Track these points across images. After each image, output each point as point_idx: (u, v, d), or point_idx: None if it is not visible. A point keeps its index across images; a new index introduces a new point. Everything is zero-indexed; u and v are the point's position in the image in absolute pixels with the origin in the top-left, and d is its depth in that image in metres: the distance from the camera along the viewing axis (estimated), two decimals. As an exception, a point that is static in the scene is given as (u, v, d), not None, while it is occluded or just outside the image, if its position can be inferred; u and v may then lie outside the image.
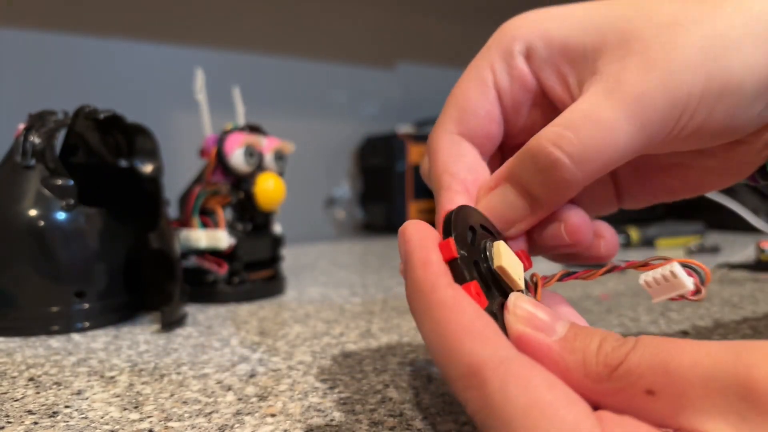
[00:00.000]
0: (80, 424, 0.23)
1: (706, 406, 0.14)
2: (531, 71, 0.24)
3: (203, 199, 0.47)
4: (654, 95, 0.19)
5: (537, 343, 0.17)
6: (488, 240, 0.21)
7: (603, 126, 0.19)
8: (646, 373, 0.15)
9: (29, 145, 0.38)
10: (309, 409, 0.24)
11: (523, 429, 0.15)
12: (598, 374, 0.16)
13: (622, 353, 0.16)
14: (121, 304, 0.40)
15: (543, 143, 0.20)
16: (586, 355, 0.17)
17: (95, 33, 0.82)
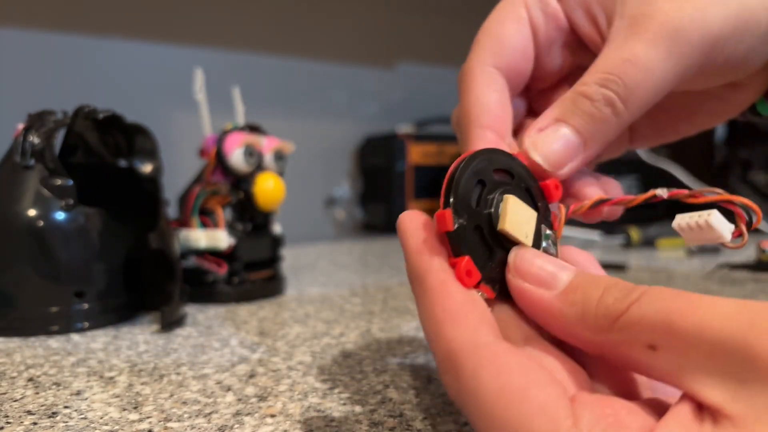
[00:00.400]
0: (79, 424, 0.23)
1: (707, 369, 0.14)
2: (563, 10, 0.24)
3: (203, 199, 0.47)
4: (689, 30, 0.20)
5: (536, 298, 0.18)
6: (500, 191, 0.20)
7: (642, 66, 0.21)
8: (649, 327, 0.15)
9: (28, 145, 0.38)
10: (309, 409, 0.24)
11: (494, 413, 0.15)
12: (598, 326, 0.16)
13: (624, 305, 0.16)
14: (120, 304, 0.40)
15: (593, 85, 0.21)
16: (586, 306, 0.16)
17: (94, 33, 0.82)
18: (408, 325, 0.38)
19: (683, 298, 0.15)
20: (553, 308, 0.17)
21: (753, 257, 0.57)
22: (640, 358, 0.15)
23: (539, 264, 0.18)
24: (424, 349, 0.33)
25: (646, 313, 0.15)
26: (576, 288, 0.17)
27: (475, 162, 0.20)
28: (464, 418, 0.23)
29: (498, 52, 0.24)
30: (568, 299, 0.17)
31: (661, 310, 0.15)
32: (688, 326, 0.14)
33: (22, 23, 0.77)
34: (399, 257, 0.71)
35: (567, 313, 0.17)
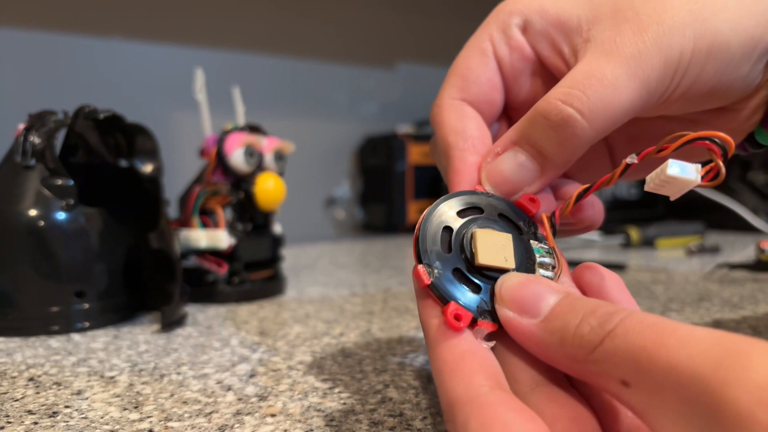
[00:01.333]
0: (80, 424, 0.23)
1: (676, 411, 0.13)
2: (528, 42, 0.25)
3: (203, 199, 0.47)
4: (650, 54, 0.21)
5: (520, 327, 0.18)
6: (472, 225, 0.20)
7: (607, 83, 0.20)
8: (621, 363, 0.15)
9: (29, 145, 0.38)
10: (309, 409, 0.24)
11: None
12: (575, 356, 0.16)
13: (599, 337, 0.15)
14: (121, 304, 0.40)
15: (553, 102, 0.21)
16: (564, 335, 0.16)
17: (95, 33, 0.82)
18: (408, 325, 0.38)
19: (655, 332, 0.14)
20: (535, 337, 0.17)
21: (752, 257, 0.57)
22: (615, 392, 0.15)
23: (523, 290, 0.18)
24: (424, 349, 0.33)
25: (618, 348, 0.15)
26: (557, 315, 0.17)
27: (436, 211, 0.21)
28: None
29: (465, 86, 0.25)
30: (548, 327, 0.17)
31: (632, 346, 0.14)
32: (657, 365, 0.14)
33: (23, 23, 0.77)
34: (399, 257, 0.71)
35: (548, 341, 0.17)
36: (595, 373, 0.15)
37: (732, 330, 0.35)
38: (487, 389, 0.16)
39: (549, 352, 0.17)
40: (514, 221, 0.21)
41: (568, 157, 0.22)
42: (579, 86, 0.20)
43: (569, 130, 0.21)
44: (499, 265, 0.19)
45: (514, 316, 0.18)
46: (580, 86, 0.20)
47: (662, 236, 0.77)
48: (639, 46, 0.21)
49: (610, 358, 0.15)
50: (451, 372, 0.17)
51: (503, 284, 0.19)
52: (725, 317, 0.39)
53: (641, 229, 0.77)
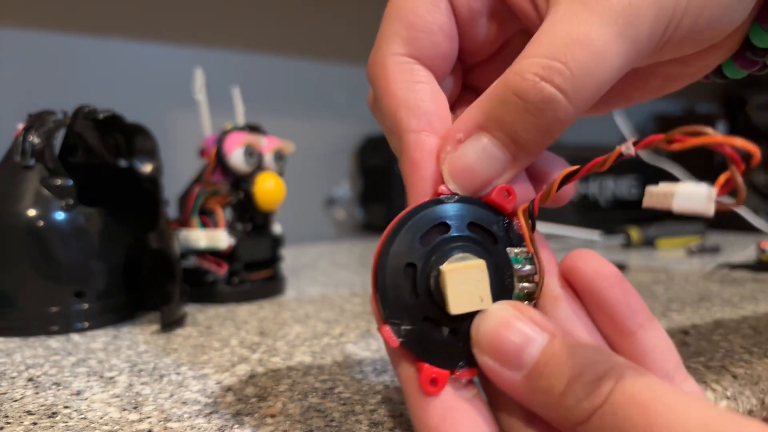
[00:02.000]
0: (79, 424, 0.23)
1: None
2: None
3: (203, 199, 0.47)
4: (642, 5, 0.17)
5: (503, 379, 0.16)
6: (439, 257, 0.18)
7: (594, 50, 0.16)
8: (629, 425, 0.14)
9: (28, 145, 0.38)
10: (309, 409, 0.24)
11: None
12: (559, 422, 0.15)
13: (586, 412, 0.14)
14: (120, 304, 0.40)
15: (530, 79, 0.16)
16: (549, 399, 0.15)
17: (94, 33, 0.82)
18: (408, 325, 0.38)
19: (644, 414, 0.14)
20: (519, 391, 0.16)
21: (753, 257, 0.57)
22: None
23: (502, 338, 0.16)
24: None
25: (620, 411, 0.14)
26: (541, 373, 0.16)
27: (393, 244, 0.18)
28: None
29: (412, 38, 0.20)
30: (533, 385, 0.16)
31: (625, 421, 0.14)
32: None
33: (22, 23, 0.77)
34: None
35: (533, 399, 0.16)
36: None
37: (732, 330, 0.35)
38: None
39: (534, 407, 0.16)
40: (486, 227, 0.19)
41: (546, 142, 0.18)
42: (560, 55, 0.16)
43: (550, 114, 0.17)
44: (475, 308, 0.17)
45: (494, 365, 0.16)
46: (561, 55, 0.16)
47: (663, 236, 0.77)
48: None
49: (614, 423, 0.14)
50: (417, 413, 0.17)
51: (480, 328, 0.17)
52: (725, 317, 0.39)
53: (642, 229, 0.77)
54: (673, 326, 0.37)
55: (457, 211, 0.18)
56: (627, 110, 1.03)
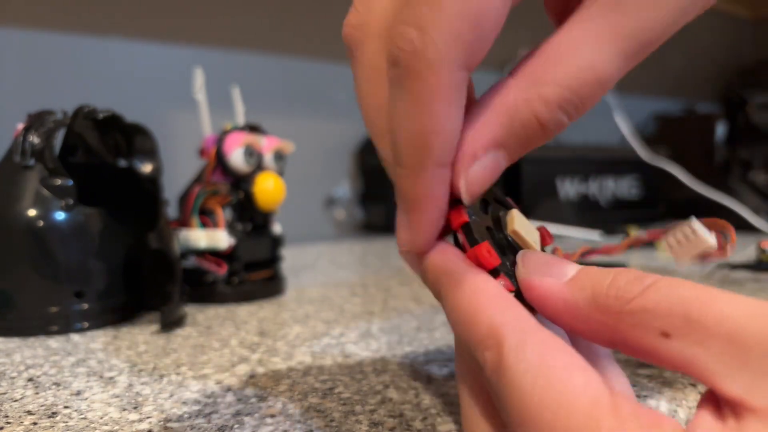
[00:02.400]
0: (79, 424, 0.23)
1: (725, 360, 0.14)
2: None
3: (203, 199, 0.47)
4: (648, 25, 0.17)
5: (546, 286, 0.17)
6: (502, 210, 0.21)
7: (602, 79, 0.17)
8: (664, 314, 0.15)
9: (28, 144, 0.38)
10: (309, 409, 0.24)
11: (534, 387, 0.15)
12: (609, 307, 0.16)
13: (638, 288, 0.15)
14: (120, 304, 0.40)
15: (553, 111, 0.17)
16: (596, 290, 0.16)
17: (94, 32, 0.82)
18: (408, 325, 0.38)
19: (700, 289, 0.15)
20: (562, 295, 0.17)
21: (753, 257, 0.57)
22: (652, 344, 0.15)
23: (547, 258, 0.18)
24: (424, 349, 0.33)
25: (662, 299, 0.15)
26: (585, 275, 0.17)
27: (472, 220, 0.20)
28: (464, 418, 0.23)
29: (477, 40, 0.16)
30: (578, 285, 0.17)
31: (678, 299, 0.15)
32: (707, 317, 0.14)
33: (22, 23, 0.77)
34: (398, 257, 0.71)
35: (577, 298, 0.17)
36: (630, 325, 0.15)
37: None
38: (536, 322, 0.16)
39: (579, 310, 0.17)
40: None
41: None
42: (576, 89, 0.17)
43: (554, 134, 0.18)
44: (530, 241, 0.20)
45: (537, 277, 0.18)
46: (576, 88, 0.17)
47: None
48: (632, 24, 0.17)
49: (652, 309, 0.15)
50: (495, 302, 0.17)
51: (526, 253, 0.19)
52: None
53: (642, 228, 0.77)
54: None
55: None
56: (627, 110, 1.03)
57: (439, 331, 0.37)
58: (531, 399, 0.14)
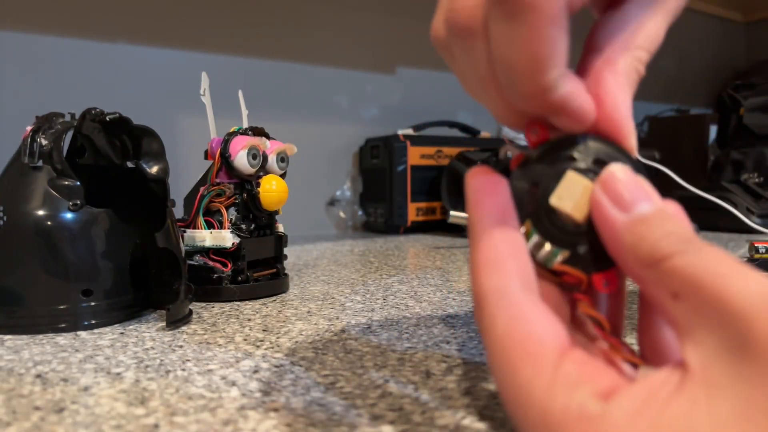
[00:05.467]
0: (87, 419, 0.23)
1: (709, 329, 0.15)
2: None
3: (208, 199, 0.47)
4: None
5: (608, 216, 0.19)
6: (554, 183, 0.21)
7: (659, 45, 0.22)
8: (680, 278, 0.16)
9: (37, 146, 0.39)
10: (311, 403, 0.25)
11: (500, 351, 0.18)
12: (643, 260, 0.17)
13: (671, 251, 0.17)
14: (127, 302, 0.40)
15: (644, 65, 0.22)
16: (643, 241, 0.17)
17: (103, 37, 0.83)
18: (407, 322, 0.38)
19: (724, 264, 0.16)
20: (617, 229, 0.18)
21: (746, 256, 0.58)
22: (663, 300, 0.17)
23: (624, 188, 0.19)
24: (423, 345, 0.33)
25: (684, 265, 0.16)
26: (645, 221, 0.18)
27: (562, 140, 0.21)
28: (462, 413, 0.24)
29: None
30: (632, 228, 0.18)
31: (697, 267, 0.16)
32: (712, 288, 0.15)
33: (33, 27, 0.78)
34: (399, 257, 0.72)
35: (626, 239, 0.18)
36: (652, 279, 0.17)
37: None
38: (518, 288, 0.18)
39: (622, 248, 0.18)
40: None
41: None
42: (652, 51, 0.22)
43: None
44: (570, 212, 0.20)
45: (607, 203, 0.19)
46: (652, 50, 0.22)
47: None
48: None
49: (673, 271, 0.16)
50: (489, 267, 0.19)
51: (611, 171, 0.19)
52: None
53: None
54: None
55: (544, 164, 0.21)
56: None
57: (437, 327, 0.37)
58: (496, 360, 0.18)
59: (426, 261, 0.68)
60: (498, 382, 0.18)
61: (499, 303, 0.18)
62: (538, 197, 0.20)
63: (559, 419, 0.16)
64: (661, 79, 1.48)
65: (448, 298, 0.47)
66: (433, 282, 0.54)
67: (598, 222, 0.19)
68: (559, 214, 0.20)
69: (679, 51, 1.52)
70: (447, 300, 0.46)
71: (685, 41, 1.54)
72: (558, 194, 0.20)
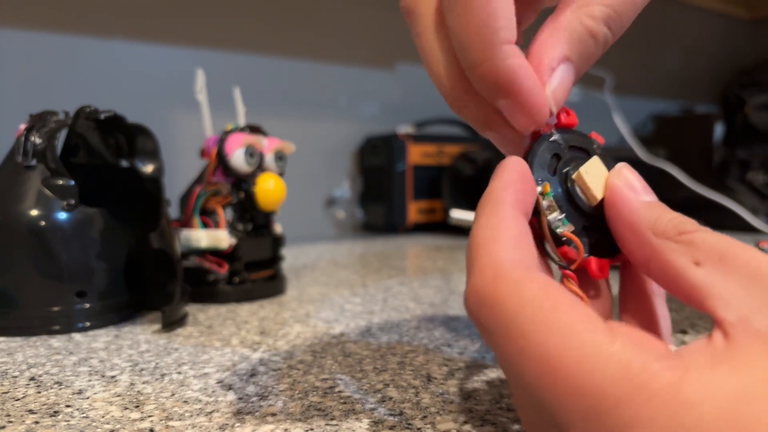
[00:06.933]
0: (81, 423, 0.23)
1: (737, 290, 0.16)
2: None
3: (204, 199, 0.47)
4: None
5: (624, 195, 0.20)
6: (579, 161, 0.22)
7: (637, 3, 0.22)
8: (705, 248, 0.17)
9: (30, 145, 0.38)
10: (309, 408, 0.24)
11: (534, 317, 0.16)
12: (665, 231, 0.18)
13: (692, 227, 0.18)
14: (122, 303, 0.40)
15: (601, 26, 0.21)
16: (662, 216, 0.19)
17: (96, 33, 0.82)
18: (408, 325, 0.38)
19: (739, 245, 0.17)
20: (634, 207, 0.20)
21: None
22: (682, 268, 0.17)
23: (640, 180, 0.21)
24: (424, 349, 0.33)
25: (708, 239, 0.17)
26: (658, 205, 0.20)
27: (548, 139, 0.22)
28: (464, 417, 0.23)
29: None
30: (650, 206, 0.20)
31: (721, 242, 0.17)
32: (739, 258, 0.17)
33: (25, 24, 0.77)
34: (399, 257, 0.71)
35: (644, 214, 0.19)
36: (672, 249, 0.18)
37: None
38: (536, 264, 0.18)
39: (639, 223, 0.19)
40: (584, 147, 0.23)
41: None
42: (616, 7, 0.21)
43: (605, 47, 0.22)
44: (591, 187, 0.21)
45: (622, 186, 0.20)
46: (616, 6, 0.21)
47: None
48: None
49: (696, 243, 0.17)
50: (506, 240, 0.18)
51: (622, 167, 0.21)
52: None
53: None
54: (672, 326, 0.37)
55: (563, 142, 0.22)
56: (625, 111, 1.03)
57: (438, 330, 0.37)
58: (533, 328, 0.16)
59: (427, 262, 0.68)
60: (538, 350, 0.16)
61: (524, 271, 0.17)
62: (561, 167, 0.22)
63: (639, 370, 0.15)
64: (665, 76, 1.48)
65: (450, 299, 0.46)
66: (434, 283, 0.53)
67: (616, 201, 0.20)
68: (579, 190, 0.21)
69: (684, 48, 1.52)
70: (448, 302, 0.45)
71: (690, 38, 1.54)
72: (585, 169, 0.21)
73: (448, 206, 0.96)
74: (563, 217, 0.21)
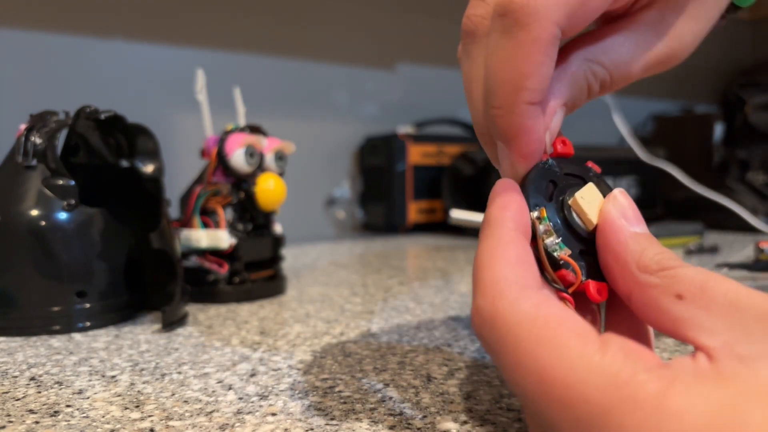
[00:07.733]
0: (81, 423, 0.23)
1: (718, 320, 0.16)
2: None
3: (204, 199, 0.47)
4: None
5: (615, 223, 0.20)
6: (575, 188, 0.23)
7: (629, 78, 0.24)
8: (685, 282, 0.18)
9: (30, 145, 0.38)
10: (309, 408, 0.24)
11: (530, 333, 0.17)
12: (647, 266, 0.19)
13: (675, 263, 0.19)
14: (122, 303, 0.40)
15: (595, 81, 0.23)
16: (647, 250, 0.19)
17: (97, 34, 0.82)
18: (408, 325, 0.38)
19: (718, 276, 0.18)
20: (622, 237, 0.20)
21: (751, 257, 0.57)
22: (665, 303, 0.18)
23: (633, 208, 0.21)
24: (424, 349, 0.33)
25: (688, 273, 0.18)
26: (646, 237, 0.20)
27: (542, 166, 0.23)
28: (464, 417, 0.23)
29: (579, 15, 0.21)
30: (638, 238, 0.20)
31: (701, 276, 0.18)
32: (717, 289, 0.17)
33: (25, 24, 0.77)
34: (399, 257, 0.71)
35: (630, 246, 0.20)
36: (655, 284, 0.18)
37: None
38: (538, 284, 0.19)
39: (626, 255, 0.20)
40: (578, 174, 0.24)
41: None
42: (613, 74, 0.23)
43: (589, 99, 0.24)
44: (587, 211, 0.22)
45: (616, 215, 0.21)
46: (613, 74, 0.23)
47: (661, 236, 0.77)
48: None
49: (677, 277, 0.18)
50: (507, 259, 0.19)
51: (620, 194, 0.21)
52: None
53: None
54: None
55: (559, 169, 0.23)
56: (625, 111, 1.03)
57: (438, 330, 0.37)
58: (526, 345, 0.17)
59: (427, 262, 0.68)
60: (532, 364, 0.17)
61: (520, 289, 0.18)
62: (557, 193, 0.22)
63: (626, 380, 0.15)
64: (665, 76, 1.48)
65: (450, 299, 0.46)
66: (434, 283, 0.53)
67: (607, 229, 0.21)
68: (575, 215, 0.22)
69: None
70: (448, 302, 0.45)
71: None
72: (581, 194, 0.22)
73: (448, 206, 0.96)
74: (560, 241, 0.21)
